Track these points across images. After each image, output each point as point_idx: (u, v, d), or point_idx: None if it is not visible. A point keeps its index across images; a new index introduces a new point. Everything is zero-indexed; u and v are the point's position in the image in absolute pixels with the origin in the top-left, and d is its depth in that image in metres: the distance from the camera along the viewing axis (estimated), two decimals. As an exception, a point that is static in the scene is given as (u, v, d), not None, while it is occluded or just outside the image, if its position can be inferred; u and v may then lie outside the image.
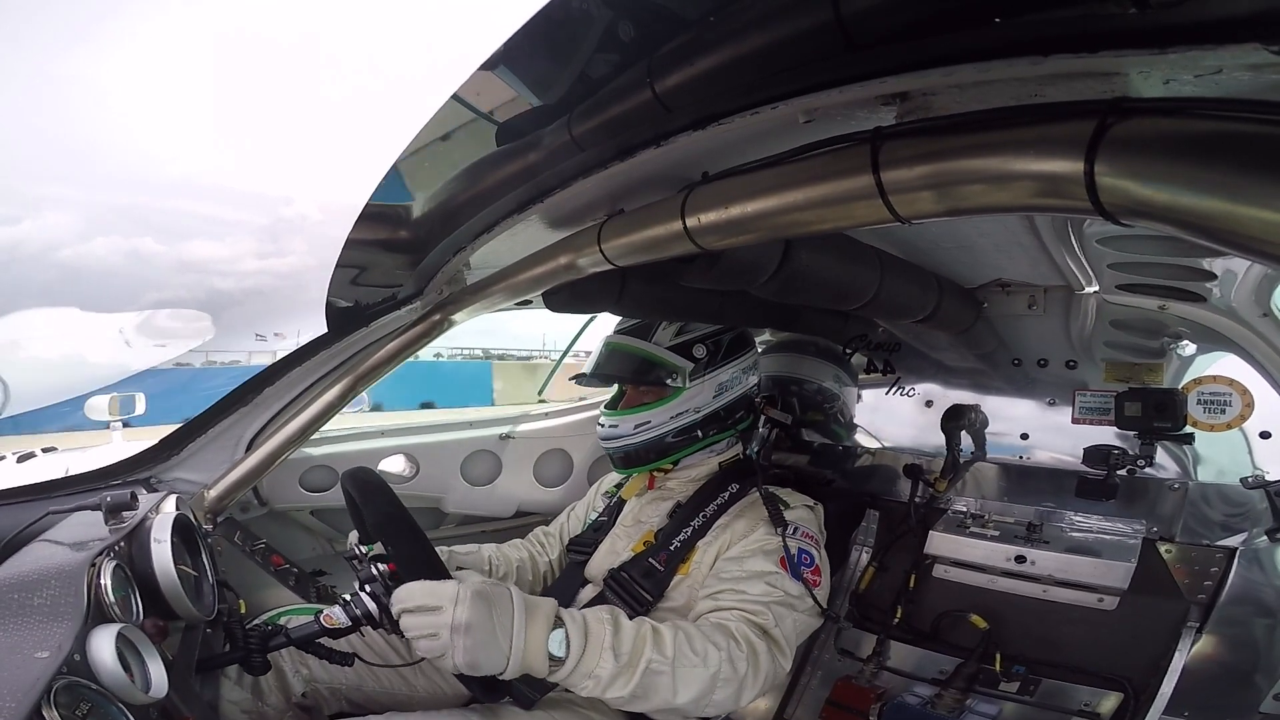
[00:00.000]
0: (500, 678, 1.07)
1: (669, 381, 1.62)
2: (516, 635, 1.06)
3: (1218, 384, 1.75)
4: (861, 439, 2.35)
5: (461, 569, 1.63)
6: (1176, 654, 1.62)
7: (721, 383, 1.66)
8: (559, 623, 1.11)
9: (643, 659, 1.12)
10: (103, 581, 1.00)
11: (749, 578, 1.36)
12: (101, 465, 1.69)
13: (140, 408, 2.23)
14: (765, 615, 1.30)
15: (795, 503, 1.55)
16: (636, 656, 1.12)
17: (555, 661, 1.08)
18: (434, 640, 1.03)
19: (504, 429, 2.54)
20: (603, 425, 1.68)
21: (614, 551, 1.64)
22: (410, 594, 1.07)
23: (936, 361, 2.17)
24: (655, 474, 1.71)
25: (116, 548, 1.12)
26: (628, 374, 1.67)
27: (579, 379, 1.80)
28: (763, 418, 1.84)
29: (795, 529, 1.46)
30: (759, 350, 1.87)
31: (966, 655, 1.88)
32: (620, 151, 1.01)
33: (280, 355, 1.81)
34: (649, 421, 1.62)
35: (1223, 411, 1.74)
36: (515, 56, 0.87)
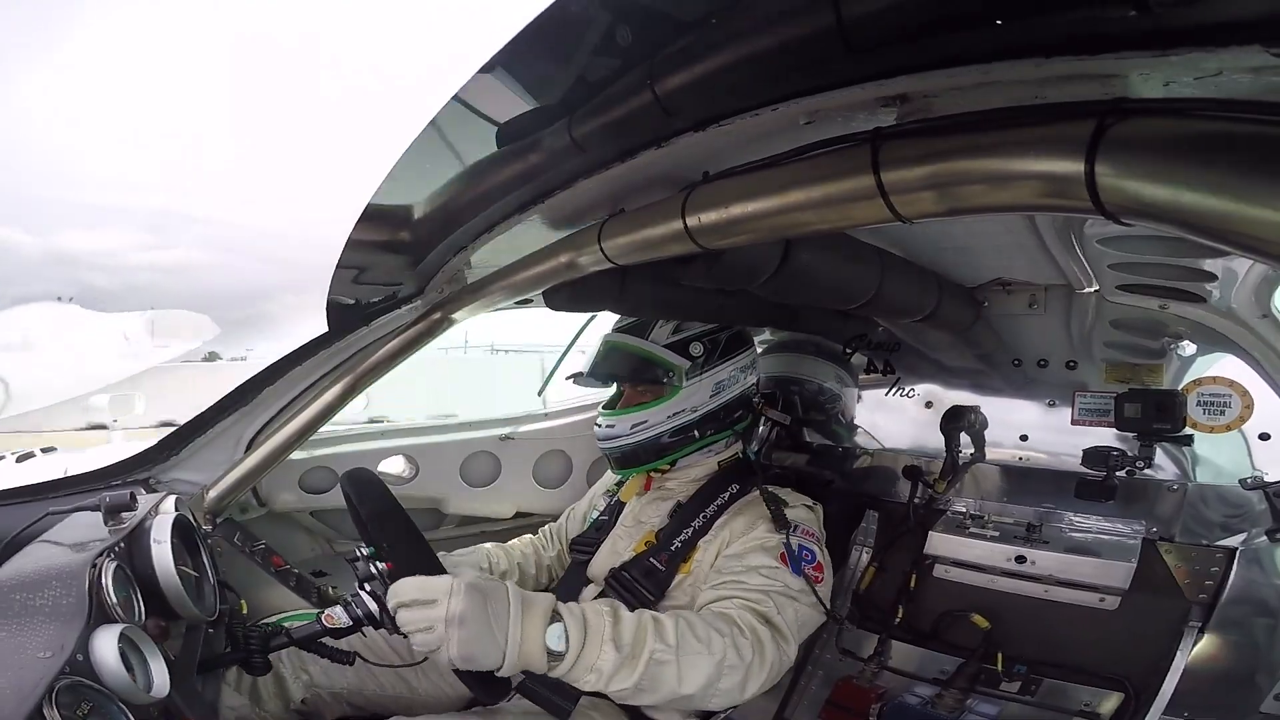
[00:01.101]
0: (498, 674, 1.07)
1: (665, 380, 1.61)
2: (512, 629, 1.05)
3: (1218, 385, 1.75)
4: (861, 439, 2.35)
5: (459, 565, 1.64)
6: (1178, 654, 1.62)
7: (719, 381, 1.66)
8: (557, 617, 1.11)
9: (646, 649, 1.12)
10: (104, 582, 1.00)
11: (749, 571, 1.37)
12: (101, 465, 1.69)
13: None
14: (767, 604, 1.30)
15: (795, 502, 1.55)
16: (639, 647, 1.12)
17: (555, 657, 1.08)
18: (429, 634, 1.03)
19: (504, 430, 2.55)
20: (599, 426, 1.68)
21: (616, 552, 1.64)
22: (405, 588, 1.07)
23: (936, 361, 2.17)
24: (653, 474, 1.71)
25: (117, 548, 1.12)
26: (624, 373, 1.67)
27: (576, 378, 1.80)
28: (762, 418, 1.84)
29: (796, 527, 1.46)
30: (758, 350, 1.86)
31: (967, 655, 1.88)
32: (621, 153, 1.01)
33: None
34: (645, 421, 1.61)
35: (1223, 413, 1.74)
36: (515, 59, 0.87)
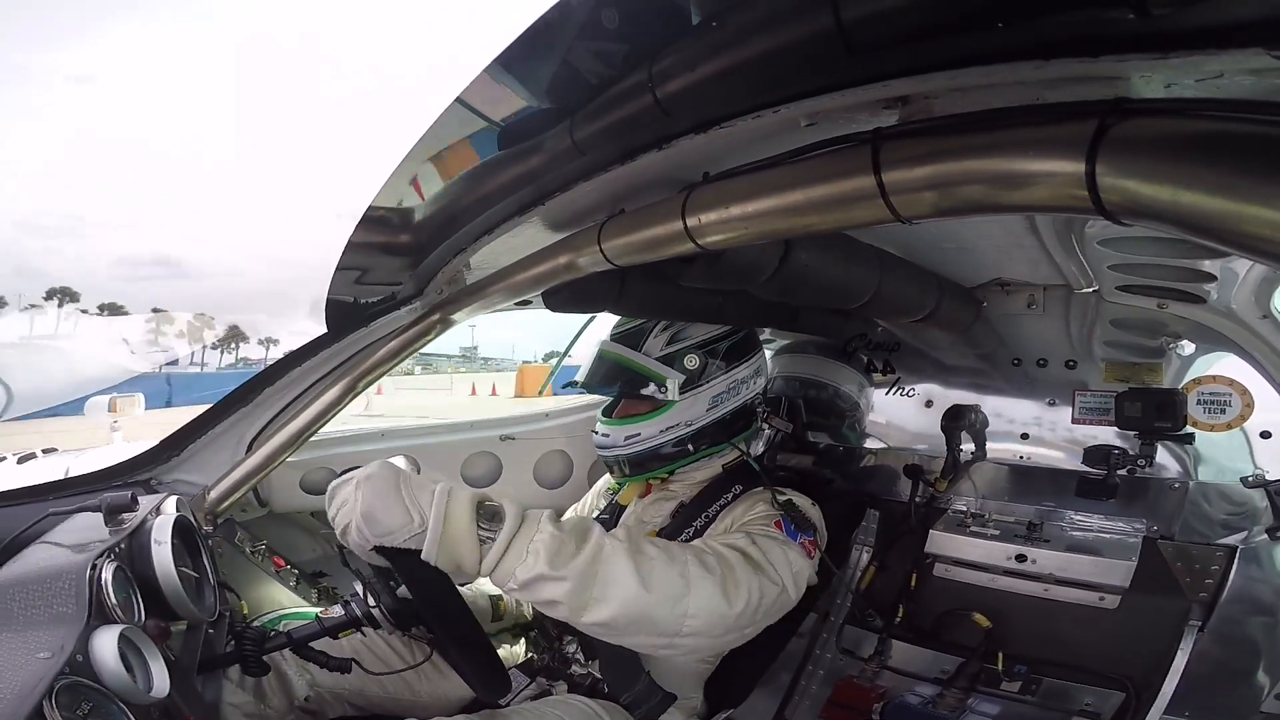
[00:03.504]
0: (423, 557, 1.00)
1: (657, 394, 1.56)
2: (436, 505, 1.00)
3: (1218, 384, 1.76)
4: (867, 441, 2.35)
5: None
6: (1178, 653, 1.62)
7: (716, 395, 1.61)
8: (488, 502, 1.07)
9: (591, 539, 1.06)
10: (103, 583, 1.00)
11: (736, 532, 1.37)
12: (102, 466, 1.69)
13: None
14: (744, 540, 1.29)
15: (798, 500, 1.55)
16: (583, 536, 1.06)
17: (487, 541, 1.02)
18: (345, 508, 1.02)
19: (504, 430, 2.55)
20: (597, 433, 1.67)
21: (617, 552, 1.64)
22: (335, 482, 1.07)
23: (936, 361, 2.17)
24: (652, 481, 1.70)
25: (117, 549, 1.11)
26: (615, 384, 1.62)
27: (571, 386, 1.79)
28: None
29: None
30: (774, 350, 1.82)
31: (968, 654, 1.88)
32: (622, 155, 1.01)
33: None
34: (639, 434, 1.59)
35: (1223, 411, 1.75)
36: (516, 62, 0.87)
